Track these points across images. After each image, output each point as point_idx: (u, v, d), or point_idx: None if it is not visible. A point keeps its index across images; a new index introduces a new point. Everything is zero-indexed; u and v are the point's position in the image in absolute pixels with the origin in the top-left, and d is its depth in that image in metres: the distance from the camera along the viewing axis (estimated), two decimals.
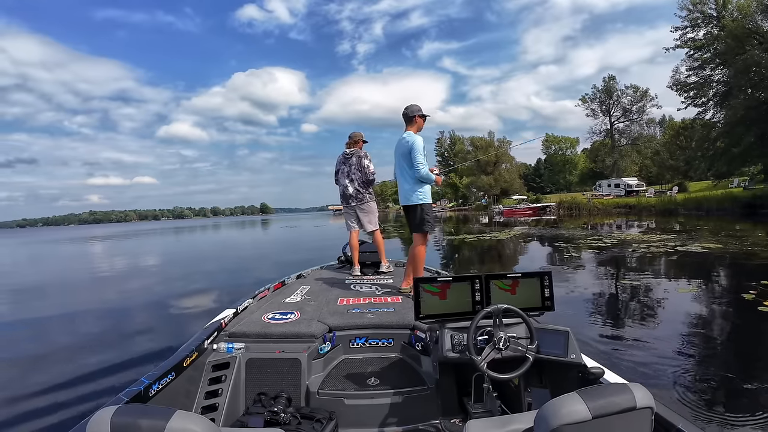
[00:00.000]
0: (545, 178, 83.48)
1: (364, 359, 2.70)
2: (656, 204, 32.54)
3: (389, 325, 2.82)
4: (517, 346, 1.96)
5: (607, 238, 15.09)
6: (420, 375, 2.50)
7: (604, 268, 9.37)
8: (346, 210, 4.86)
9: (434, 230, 3.88)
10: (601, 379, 1.89)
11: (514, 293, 2.22)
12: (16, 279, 13.74)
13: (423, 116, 3.75)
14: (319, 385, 2.43)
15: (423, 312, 2.20)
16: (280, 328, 2.74)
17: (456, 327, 2.14)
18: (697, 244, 11.67)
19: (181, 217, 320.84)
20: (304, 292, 3.77)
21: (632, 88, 53.24)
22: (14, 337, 6.29)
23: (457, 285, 2.22)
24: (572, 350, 1.99)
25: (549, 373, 2.17)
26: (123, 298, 9.15)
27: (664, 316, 5.46)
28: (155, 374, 1.97)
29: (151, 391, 1.89)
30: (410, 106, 3.75)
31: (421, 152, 3.54)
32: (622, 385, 1.30)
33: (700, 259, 9.58)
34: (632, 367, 3.72)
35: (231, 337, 2.67)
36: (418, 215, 3.68)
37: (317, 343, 2.64)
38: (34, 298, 9.82)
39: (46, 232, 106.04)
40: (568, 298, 6.43)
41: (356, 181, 4.70)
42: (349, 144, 4.82)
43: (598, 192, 45.95)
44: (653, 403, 1.25)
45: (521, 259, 12.58)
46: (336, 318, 2.92)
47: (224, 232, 44.93)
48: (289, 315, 3.00)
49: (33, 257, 24.32)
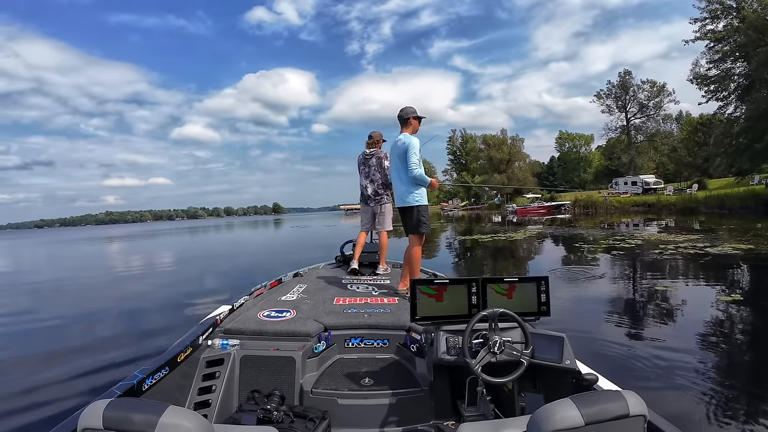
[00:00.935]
0: (559, 176, 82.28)
1: (359, 359, 2.68)
2: (676, 202, 31.64)
3: (385, 326, 2.81)
4: (512, 351, 1.98)
5: (629, 238, 14.37)
6: (414, 377, 2.47)
7: (632, 273, 8.77)
8: (363, 209, 4.86)
9: (430, 231, 3.80)
10: (595, 386, 1.88)
11: (511, 297, 2.20)
12: (14, 278, 13.75)
13: (418, 118, 3.73)
14: (312, 384, 2.41)
15: (419, 314, 2.19)
16: (275, 325, 2.74)
17: (451, 330, 2.14)
18: (727, 244, 11.10)
19: (195, 217, 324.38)
20: (301, 290, 3.75)
21: (649, 82, 52.04)
22: (11, 333, 6.32)
23: (454, 288, 2.21)
24: (567, 356, 1.97)
25: (543, 378, 2.17)
26: (127, 295, 9.11)
27: (711, 329, 4.86)
28: (149, 369, 1.96)
29: (144, 385, 1.87)
30: (405, 108, 3.73)
31: (415, 153, 3.51)
32: (616, 392, 1.29)
33: (733, 261, 8.99)
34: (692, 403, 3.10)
35: (226, 333, 2.66)
36: (415, 217, 3.65)
37: (312, 342, 2.63)
38: (32, 294, 9.93)
39: (62, 233, 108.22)
40: (594, 309, 5.79)
41: (376, 182, 4.68)
42: (369, 144, 4.78)
43: (615, 190, 44.94)
44: (646, 410, 1.24)
45: (539, 261, 11.87)
46: (332, 317, 2.91)
47: (237, 232, 45.17)
48: (284, 313, 2.98)
49: (39, 256, 24.46)
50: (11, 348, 5.40)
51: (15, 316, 7.52)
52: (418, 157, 3.54)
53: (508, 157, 63.66)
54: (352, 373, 2.54)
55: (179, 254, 20.62)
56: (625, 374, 3.53)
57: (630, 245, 12.42)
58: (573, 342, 2.03)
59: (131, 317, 7.04)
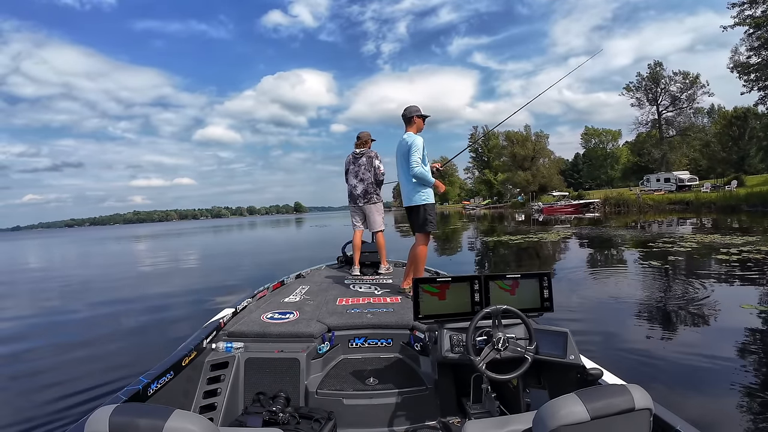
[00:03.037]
0: (584, 174, 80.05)
1: (363, 359, 2.68)
2: (716, 200, 29.87)
3: (388, 325, 2.81)
4: (516, 347, 1.96)
5: (680, 240, 12.98)
6: (419, 375, 2.48)
7: (704, 286, 6.83)
8: (353, 209, 4.88)
9: (436, 230, 3.83)
10: (600, 380, 1.87)
11: (514, 294, 2.20)
12: (14, 278, 13.71)
13: (422, 116, 3.75)
14: (317, 385, 2.42)
15: (422, 312, 2.17)
16: (278, 327, 2.73)
17: (455, 327, 2.13)
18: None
19: (218, 216, 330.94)
20: (303, 291, 3.75)
21: (681, 74, 49.51)
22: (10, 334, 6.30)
23: (457, 285, 2.20)
24: (571, 351, 1.96)
25: (548, 374, 2.16)
26: (137, 296, 9.03)
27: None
28: (154, 373, 1.96)
29: (150, 390, 1.87)
30: (409, 107, 3.76)
31: (417, 151, 3.52)
32: (621, 386, 1.29)
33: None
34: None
35: (230, 336, 2.66)
36: (421, 216, 3.66)
37: (316, 343, 2.63)
38: (37, 294, 10.04)
39: (91, 231, 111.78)
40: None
41: (366, 181, 4.71)
42: (357, 144, 4.83)
43: (646, 188, 43.03)
44: (652, 404, 1.24)
45: (604, 275, 8.58)
46: (335, 318, 2.90)
47: (259, 231, 45.31)
48: (288, 315, 2.98)
49: (58, 254, 24.95)
50: (13, 348, 5.32)
51: (16, 320, 7.39)
52: (420, 156, 3.54)
53: (533, 153, 61.84)
54: (356, 373, 2.54)
55: (197, 254, 20.80)
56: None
57: (684, 248, 11.23)
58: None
59: (140, 318, 6.99)
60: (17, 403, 3.61)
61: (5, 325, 7.08)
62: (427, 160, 3.67)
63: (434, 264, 5.00)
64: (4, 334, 6.35)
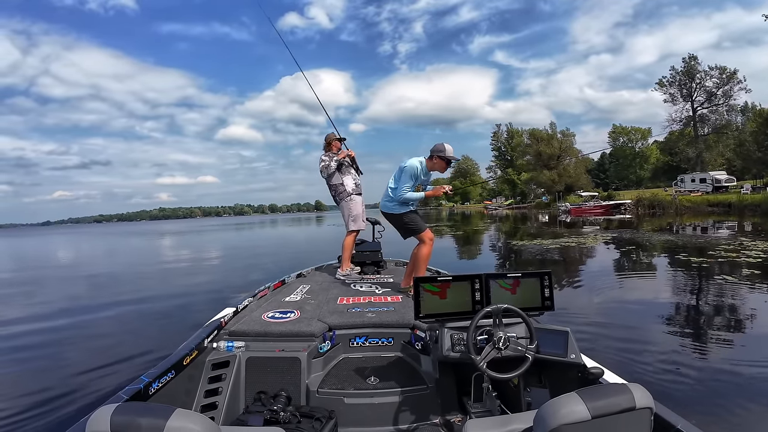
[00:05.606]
0: (611, 174, 77.36)
1: (364, 358, 2.68)
2: (762, 202, 28.12)
3: (389, 324, 2.80)
4: (517, 346, 1.94)
5: (741, 248, 11.38)
6: (420, 374, 2.48)
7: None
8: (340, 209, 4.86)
9: (425, 229, 3.68)
10: (601, 379, 1.85)
11: (514, 293, 2.18)
12: (13, 277, 13.82)
13: (444, 158, 3.63)
14: (318, 384, 2.41)
15: (423, 311, 2.15)
16: (280, 326, 2.72)
17: (456, 326, 2.10)
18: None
19: (241, 214, 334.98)
20: (304, 291, 3.74)
21: (718, 68, 46.95)
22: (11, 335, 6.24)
23: (457, 284, 2.18)
24: (572, 350, 1.94)
25: (548, 372, 2.14)
26: (148, 294, 9.03)
27: None
28: (155, 372, 1.95)
29: (151, 389, 1.87)
30: (437, 144, 3.67)
31: (410, 176, 3.61)
32: (622, 385, 1.29)
33: None
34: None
35: (231, 335, 2.64)
36: (400, 224, 3.81)
37: (317, 342, 2.62)
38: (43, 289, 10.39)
39: (118, 227, 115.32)
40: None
41: (328, 183, 4.72)
42: (325, 147, 4.80)
43: (681, 188, 41.07)
44: (653, 403, 1.23)
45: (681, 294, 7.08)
46: (336, 317, 2.90)
47: (280, 229, 45.47)
48: (289, 314, 2.97)
49: (75, 248, 25.24)
50: (14, 350, 5.31)
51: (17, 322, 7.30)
52: (411, 182, 3.63)
53: (559, 152, 60.00)
54: (357, 372, 2.53)
55: (215, 250, 21.39)
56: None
57: (755, 258, 9.64)
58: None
59: (146, 316, 7.02)
60: (18, 402, 3.57)
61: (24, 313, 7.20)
62: (425, 182, 3.84)
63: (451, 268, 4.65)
64: (18, 328, 6.43)
